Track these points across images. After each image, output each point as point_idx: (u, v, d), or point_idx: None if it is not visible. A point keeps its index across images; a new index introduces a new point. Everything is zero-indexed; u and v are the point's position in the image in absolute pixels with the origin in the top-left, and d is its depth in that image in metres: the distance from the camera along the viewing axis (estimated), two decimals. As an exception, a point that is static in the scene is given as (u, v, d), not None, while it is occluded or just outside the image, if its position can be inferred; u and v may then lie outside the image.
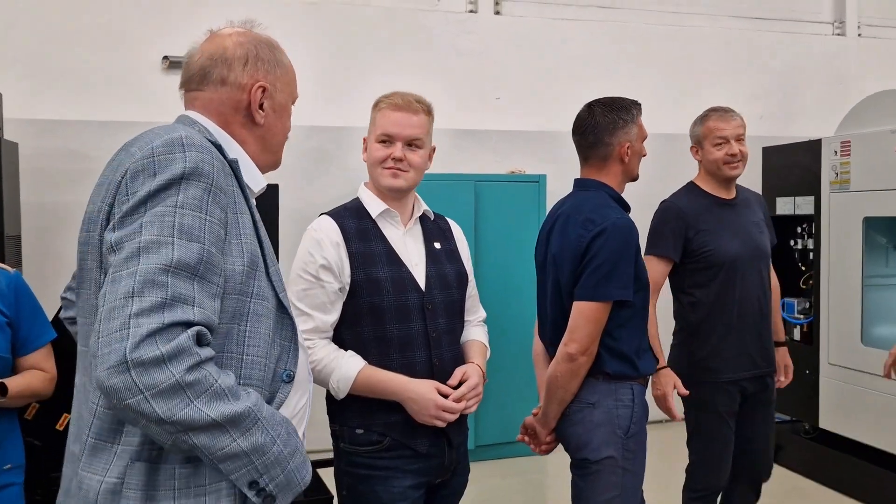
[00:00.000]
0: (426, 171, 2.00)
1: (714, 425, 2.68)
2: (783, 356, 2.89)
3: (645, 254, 2.55)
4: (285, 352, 1.28)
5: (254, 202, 1.30)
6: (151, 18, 4.38)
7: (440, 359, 1.89)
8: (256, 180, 1.34)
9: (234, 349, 1.19)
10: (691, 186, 2.82)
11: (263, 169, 1.39)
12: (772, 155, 4.40)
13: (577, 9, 5.24)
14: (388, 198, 1.94)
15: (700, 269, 2.67)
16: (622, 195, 2.18)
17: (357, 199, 1.98)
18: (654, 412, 2.39)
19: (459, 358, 1.97)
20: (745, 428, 2.76)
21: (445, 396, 1.83)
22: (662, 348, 2.62)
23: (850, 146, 3.83)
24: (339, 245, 1.85)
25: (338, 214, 1.93)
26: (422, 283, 1.91)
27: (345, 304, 1.86)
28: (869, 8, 5.88)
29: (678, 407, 2.51)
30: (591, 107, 2.18)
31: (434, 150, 2.01)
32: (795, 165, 4.19)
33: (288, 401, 1.27)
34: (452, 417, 1.83)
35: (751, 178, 3.40)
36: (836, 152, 3.91)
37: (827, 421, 3.98)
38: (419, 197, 2.03)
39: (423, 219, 2.02)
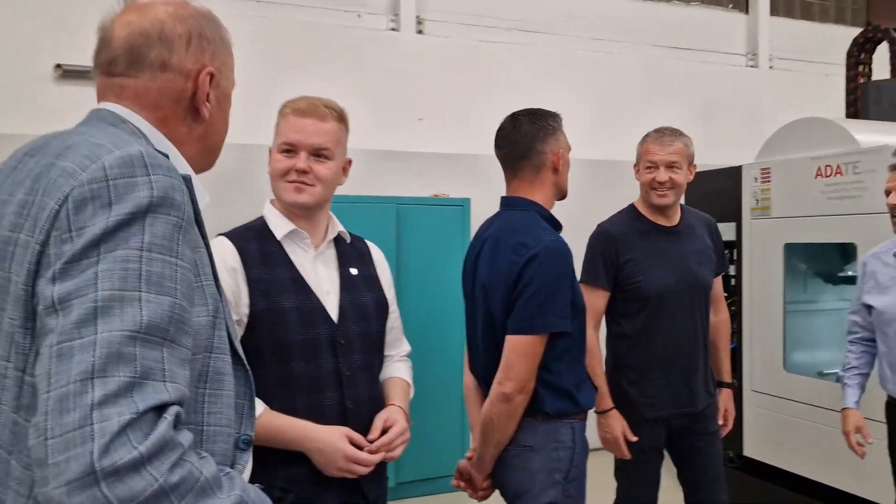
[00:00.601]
0: (340, 187, 1.77)
1: (638, 461, 2.53)
2: (725, 399, 2.72)
3: (580, 281, 2.41)
4: (239, 412, 1.02)
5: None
6: (43, 24, 4.00)
7: (354, 400, 1.65)
8: (202, 196, 1.03)
9: (192, 419, 0.93)
10: (631, 209, 2.66)
11: (197, 172, 1.11)
12: (694, 181, 4.39)
13: (503, 31, 5.18)
14: (297, 216, 1.70)
15: (628, 299, 2.53)
16: (552, 212, 2.02)
17: (262, 217, 1.73)
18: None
19: (378, 399, 1.73)
20: (690, 468, 2.63)
21: (359, 445, 1.59)
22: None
23: (770, 173, 3.86)
24: (236, 270, 1.60)
25: (237, 235, 1.68)
26: (334, 313, 1.67)
27: (243, 339, 1.59)
28: (779, 42, 6.11)
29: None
30: (514, 117, 2.02)
31: (350, 162, 1.78)
32: (717, 192, 4.20)
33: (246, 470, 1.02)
34: (365, 470, 1.59)
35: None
36: (756, 179, 3.93)
37: (751, 449, 3.95)
38: (334, 216, 1.79)
39: (339, 241, 1.79)
